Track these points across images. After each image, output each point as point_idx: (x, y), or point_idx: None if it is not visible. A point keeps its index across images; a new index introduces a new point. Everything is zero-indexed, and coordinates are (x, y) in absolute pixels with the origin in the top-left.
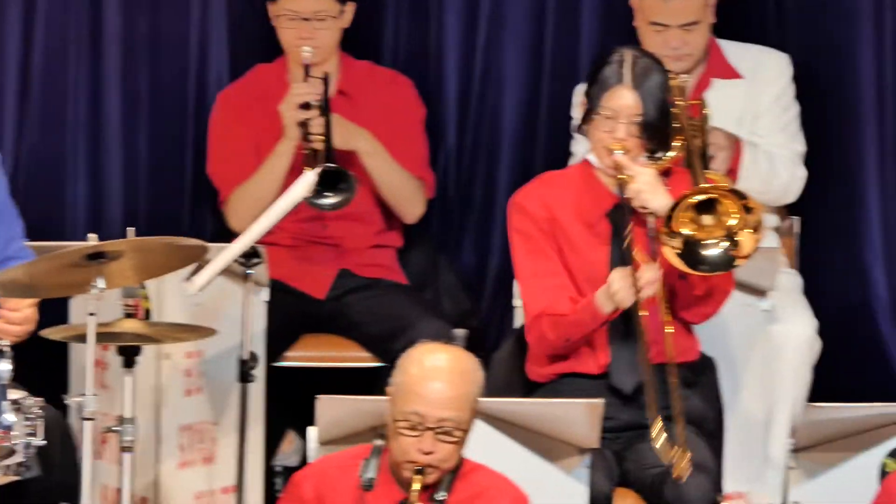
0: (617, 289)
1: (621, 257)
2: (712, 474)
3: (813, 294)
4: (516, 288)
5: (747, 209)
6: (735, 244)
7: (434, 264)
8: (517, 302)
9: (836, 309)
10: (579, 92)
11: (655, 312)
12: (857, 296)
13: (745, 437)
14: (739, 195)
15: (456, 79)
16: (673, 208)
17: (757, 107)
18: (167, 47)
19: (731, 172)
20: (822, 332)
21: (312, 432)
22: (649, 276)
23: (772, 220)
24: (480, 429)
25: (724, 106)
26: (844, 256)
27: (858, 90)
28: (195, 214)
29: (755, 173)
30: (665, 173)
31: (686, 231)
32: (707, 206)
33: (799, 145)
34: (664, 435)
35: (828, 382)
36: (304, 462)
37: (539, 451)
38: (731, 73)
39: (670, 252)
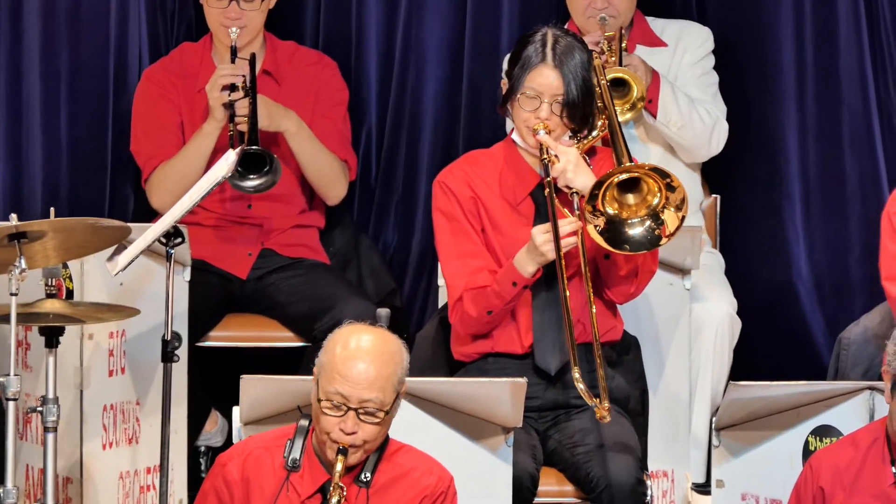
0: (541, 241)
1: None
2: (636, 453)
3: (735, 273)
4: (440, 267)
5: (670, 188)
6: (659, 222)
7: (356, 244)
8: (441, 281)
9: (759, 288)
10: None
11: (579, 291)
12: (779, 275)
13: (669, 415)
14: (662, 174)
15: (377, 58)
16: (597, 187)
17: (678, 70)
18: (87, 25)
19: (651, 103)
20: (745, 312)
21: (236, 412)
22: (570, 228)
23: (696, 196)
24: (405, 408)
25: None
26: (766, 235)
27: (779, 69)
28: (116, 193)
29: (674, 107)
30: (589, 153)
31: (610, 210)
32: (630, 186)
33: (721, 104)
34: (581, 384)
35: (751, 361)
36: (228, 442)
37: (463, 430)
38: (655, 41)
39: (594, 231)
